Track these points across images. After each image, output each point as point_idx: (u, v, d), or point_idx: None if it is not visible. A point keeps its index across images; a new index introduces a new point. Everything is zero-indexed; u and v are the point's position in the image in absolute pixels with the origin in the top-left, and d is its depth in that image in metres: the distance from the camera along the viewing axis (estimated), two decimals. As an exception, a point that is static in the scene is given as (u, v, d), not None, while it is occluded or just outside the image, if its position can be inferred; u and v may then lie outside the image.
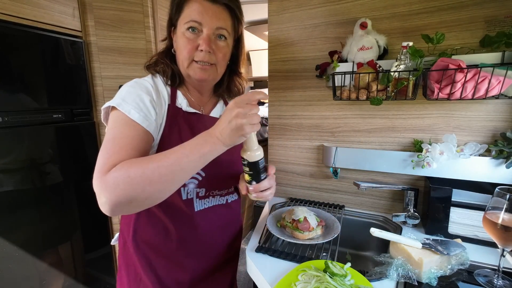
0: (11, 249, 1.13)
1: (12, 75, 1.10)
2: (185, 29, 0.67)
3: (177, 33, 0.71)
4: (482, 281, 0.71)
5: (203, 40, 0.67)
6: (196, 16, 0.66)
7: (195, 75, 0.71)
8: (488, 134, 0.95)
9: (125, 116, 0.62)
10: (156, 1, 1.45)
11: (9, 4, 1.06)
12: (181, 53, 0.70)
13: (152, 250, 0.75)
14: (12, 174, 1.13)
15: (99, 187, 0.53)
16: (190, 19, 0.66)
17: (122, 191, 0.51)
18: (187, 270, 0.78)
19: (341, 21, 1.09)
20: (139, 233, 0.75)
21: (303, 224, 0.88)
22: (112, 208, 0.53)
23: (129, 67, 1.45)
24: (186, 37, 0.68)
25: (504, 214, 0.65)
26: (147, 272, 0.74)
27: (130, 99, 0.64)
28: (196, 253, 0.79)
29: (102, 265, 1.53)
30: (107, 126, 0.65)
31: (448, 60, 0.82)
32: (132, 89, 0.67)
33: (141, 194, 0.52)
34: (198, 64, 0.69)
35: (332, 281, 0.66)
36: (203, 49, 0.67)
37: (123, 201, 0.52)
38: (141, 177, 0.52)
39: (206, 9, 0.67)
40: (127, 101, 0.63)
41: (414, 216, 1.00)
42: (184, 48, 0.68)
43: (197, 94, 0.80)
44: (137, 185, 0.52)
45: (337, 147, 1.13)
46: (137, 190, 0.52)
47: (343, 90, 1.00)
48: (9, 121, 1.10)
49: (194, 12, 0.66)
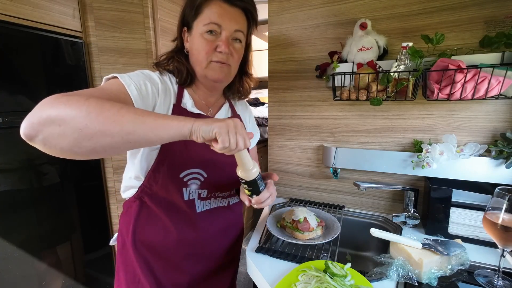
0: (10, 249, 1.13)
1: (12, 76, 1.10)
2: (203, 30, 0.68)
3: (193, 33, 0.70)
4: (482, 282, 0.71)
5: (223, 42, 0.68)
6: (216, 19, 0.67)
7: (213, 76, 0.71)
8: (488, 135, 0.96)
9: (122, 86, 0.60)
10: (156, 2, 1.45)
11: (9, 4, 1.06)
12: (198, 54, 0.70)
13: (151, 250, 0.74)
14: (12, 174, 1.13)
15: (44, 101, 0.46)
16: (209, 21, 0.67)
17: (66, 107, 0.44)
18: (185, 272, 0.77)
19: (341, 22, 1.09)
20: (138, 233, 0.74)
21: (303, 224, 0.88)
22: (37, 122, 0.44)
23: (129, 68, 1.45)
24: (204, 39, 0.68)
25: (504, 214, 0.65)
26: (145, 273, 0.74)
27: (134, 78, 0.63)
28: (195, 255, 0.78)
29: (102, 265, 1.53)
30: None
31: (447, 61, 0.82)
32: (140, 74, 0.66)
33: (80, 120, 0.44)
34: (216, 64, 0.70)
35: (332, 281, 0.65)
36: (222, 51, 0.68)
37: (57, 118, 0.44)
38: (98, 104, 0.46)
39: (226, 11, 0.67)
40: (131, 77, 0.62)
41: (414, 216, 1.00)
42: (202, 49, 0.69)
43: (206, 95, 0.79)
44: (86, 107, 0.45)
45: (337, 148, 1.13)
46: (80, 113, 0.44)
47: (343, 90, 1.00)
48: (9, 121, 1.10)
49: (214, 14, 0.67)
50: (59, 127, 0.44)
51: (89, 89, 0.55)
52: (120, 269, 0.79)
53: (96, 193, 1.44)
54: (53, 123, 0.44)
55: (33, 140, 0.46)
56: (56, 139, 0.45)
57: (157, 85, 0.67)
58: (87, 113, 0.44)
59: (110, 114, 0.45)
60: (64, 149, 0.46)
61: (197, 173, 0.73)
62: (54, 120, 0.44)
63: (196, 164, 0.73)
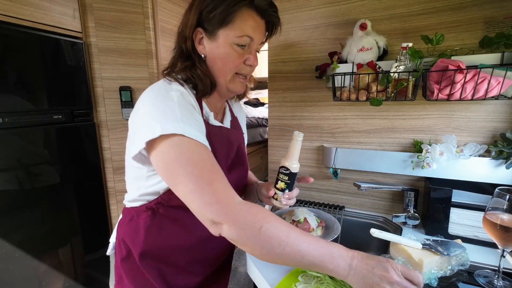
0: (10, 250, 1.13)
1: (12, 76, 1.10)
2: (234, 42, 0.63)
3: (218, 42, 0.64)
4: (483, 282, 0.71)
5: (253, 56, 0.66)
6: (250, 32, 0.63)
7: (235, 89, 0.70)
8: (487, 135, 0.96)
9: (201, 147, 0.56)
10: (156, 2, 1.45)
11: (9, 5, 1.06)
12: (225, 65, 0.66)
13: (161, 258, 0.72)
14: (12, 175, 1.13)
15: (241, 218, 0.53)
16: (243, 34, 0.62)
17: (246, 236, 0.53)
18: (195, 274, 0.77)
19: (340, 22, 1.10)
20: (149, 243, 0.71)
21: (303, 225, 0.88)
22: (237, 239, 0.54)
23: (129, 68, 1.45)
24: (235, 50, 0.64)
25: (504, 214, 0.65)
26: (156, 278, 0.72)
27: (194, 124, 0.58)
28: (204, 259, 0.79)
29: (102, 266, 1.53)
30: (166, 154, 0.55)
31: (447, 61, 0.82)
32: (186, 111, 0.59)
33: (256, 252, 0.54)
34: (240, 77, 0.69)
35: (332, 282, 0.65)
36: (252, 64, 0.67)
37: (240, 242, 0.54)
38: (269, 240, 0.52)
39: (257, 24, 0.64)
40: (191, 126, 0.56)
41: (414, 216, 1.00)
42: (231, 61, 0.65)
43: (216, 101, 0.76)
44: (260, 242, 0.52)
45: (337, 148, 1.13)
46: (256, 247, 0.53)
47: (343, 91, 1.00)
48: (9, 122, 1.10)
49: (248, 27, 0.62)
50: (241, 246, 0.55)
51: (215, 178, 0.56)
52: (125, 277, 0.75)
53: (96, 193, 1.45)
54: (236, 243, 0.55)
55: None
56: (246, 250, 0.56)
57: (194, 109, 0.63)
58: (260, 248, 0.53)
59: (277, 253, 0.53)
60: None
61: None
62: (237, 242, 0.55)
63: None
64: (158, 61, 1.50)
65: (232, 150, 0.77)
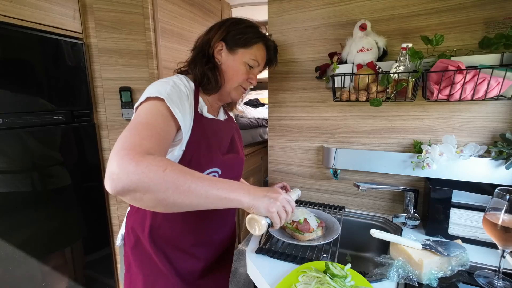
0: (11, 250, 1.13)
1: (12, 77, 1.10)
2: (247, 62, 0.81)
3: (236, 57, 0.81)
4: (483, 282, 0.71)
5: (255, 76, 0.86)
6: (259, 59, 0.83)
7: (235, 97, 0.87)
8: (487, 135, 0.96)
9: (168, 110, 0.64)
10: (157, 3, 1.46)
11: (10, 6, 1.06)
12: (235, 76, 0.82)
13: (167, 243, 0.79)
14: (12, 175, 1.13)
15: (125, 162, 0.50)
16: (255, 58, 0.82)
17: (148, 179, 0.50)
18: (200, 259, 0.84)
19: (340, 23, 1.10)
20: (156, 229, 0.77)
21: (303, 225, 0.88)
22: (124, 188, 0.50)
23: (129, 69, 1.45)
24: (245, 67, 0.82)
25: (504, 215, 0.65)
26: (165, 264, 0.78)
27: (175, 97, 0.67)
28: (205, 242, 0.85)
29: (102, 266, 1.53)
30: (139, 109, 0.65)
31: (447, 62, 0.82)
32: (174, 90, 0.69)
33: (161, 194, 0.52)
34: (241, 88, 0.85)
35: (332, 282, 0.65)
36: (253, 84, 0.86)
37: (141, 188, 0.51)
38: (173, 179, 0.52)
39: (264, 56, 0.86)
40: (172, 98, 0.66)
41: (414, 217, 1.00)
42: (241, 74, 0.82)
43: (215, 101, 0.88)
44: (165, 183, 0.52)
45: (337, 148, 1.13)
46: (160, 188, 0.52)
47: (343, 91, 1.00)
48: (9, 122, 1.10)
49: (259, 55, 0.83)
50: (142, 195, 0.52)
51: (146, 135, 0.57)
52: (133, 265, 0.80)
53: (96, 194, 1.45)
54: (136, 192, 0.51)
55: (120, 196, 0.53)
56: (138, 202, 0.54)
57: (186, 98, 0.72)
58: (165, 189, 0.52)
59: (183, 190, 0.53)
60: (142, 206, 0.56)
61: (216, 171, 0.80)
62: (137, 189, 0.51)
63: (216, 164, 0.80)
64: (158, 61, 1.50)
65: (225, 138, 0.87)
